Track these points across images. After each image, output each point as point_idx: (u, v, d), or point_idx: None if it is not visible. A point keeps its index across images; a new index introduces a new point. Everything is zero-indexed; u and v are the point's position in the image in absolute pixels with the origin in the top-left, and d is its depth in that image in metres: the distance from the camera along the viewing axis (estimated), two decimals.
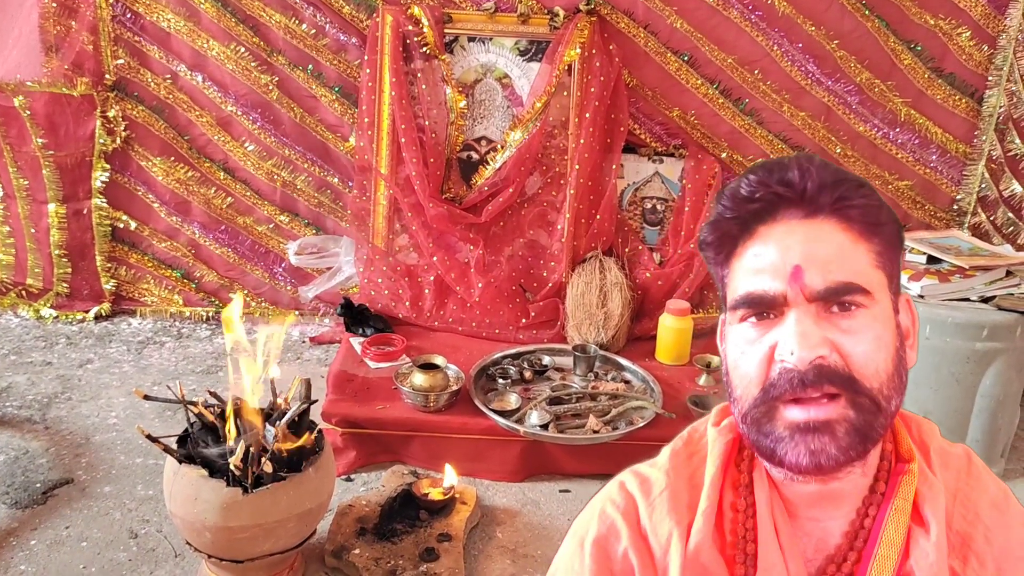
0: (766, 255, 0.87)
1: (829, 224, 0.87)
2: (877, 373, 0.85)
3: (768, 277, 0.86)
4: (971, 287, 2.61)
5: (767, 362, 0.86)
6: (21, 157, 3.26)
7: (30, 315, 3.42)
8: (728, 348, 0.93)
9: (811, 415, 0.84)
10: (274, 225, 3.45)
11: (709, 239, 0.93)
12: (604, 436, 2.53)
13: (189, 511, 1.89)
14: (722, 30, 3.12)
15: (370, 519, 2.26)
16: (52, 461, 2.55)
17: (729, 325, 0.92)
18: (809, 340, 0.84)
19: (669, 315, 3.00)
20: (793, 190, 0.87)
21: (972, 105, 3.18)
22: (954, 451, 0.98)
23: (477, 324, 3.20)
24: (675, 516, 0.95)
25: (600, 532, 0.98)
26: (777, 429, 0.86)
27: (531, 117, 3.13)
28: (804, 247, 0.86)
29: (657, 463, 1.02)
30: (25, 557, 2.16)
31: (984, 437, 2.58)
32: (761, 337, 0.87)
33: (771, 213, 0.88)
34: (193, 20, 3.21)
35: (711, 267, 0.96)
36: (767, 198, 0.88)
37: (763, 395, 0.87)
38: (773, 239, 0.88)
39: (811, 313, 0.85)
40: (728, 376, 0.93)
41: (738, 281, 0.90)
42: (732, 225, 0.91)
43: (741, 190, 0.90)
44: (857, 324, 0.85)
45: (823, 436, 0.84)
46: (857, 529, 0.92)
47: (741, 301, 0.89)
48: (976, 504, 0.94)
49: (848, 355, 0.84)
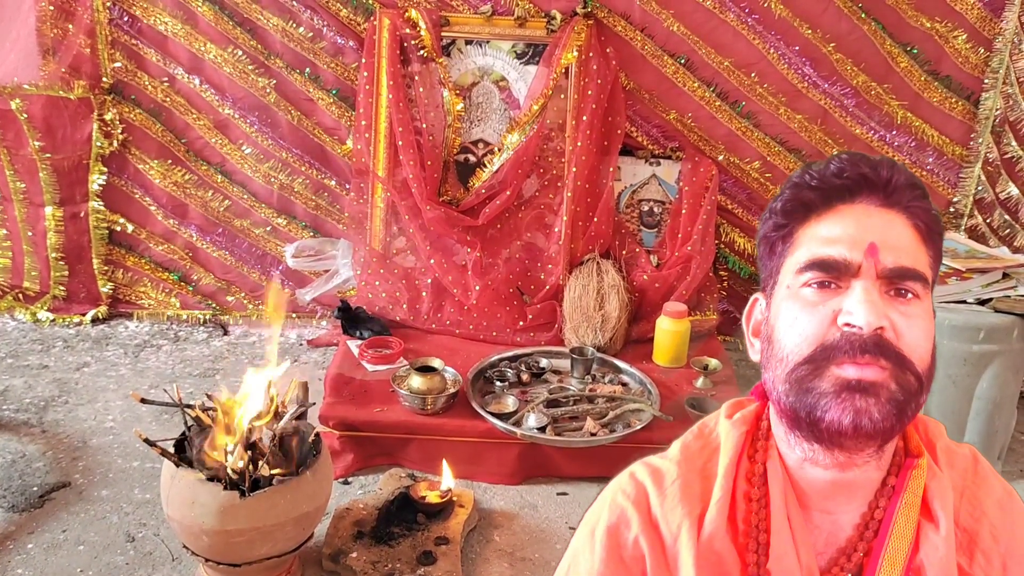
0: (844, 227, 0.91)
1: (901, 219, 0.92)
2: (922, 358, 0.89)
3: (844, 247, 0.90)
4: (968, 289, 2.61)
5: (827, 324, 0.89)
6: (18, 160, 3.26)
7: (27, 318, 3.42)
8: (781, 312, 0.94)
9: (863, 374, 0.87)
10: (271, 228, 3.45)
11: (785, 205, 0.96)
12: (602, 439, 2.53)
13: (186, 515, 1.89)
14: (719, 33, 3.12)
15: (367, 522, 2.26)
16: (49, 465, 2.55)
17: (787, 289, 0.94)
18: (877, 308, 0.87)
19: (666, 317, 3.00)
20: (879, 178, 0.92)
21: (968, 108, 3.19)
22: (960, 451, 1.01)
23: (474, 327, 3.20)
24: (687, 506, 0.97)
25: (611, 520, 0.99)
26: (822, 386, 0.88)
27: (528, 120, 3.13)
28: (880, 230, 0.91)
29: (668, 455, 1.04)
30: (22, 561, 2.16)
31: (981, 439, 2.59)
32: (824, 302, 0.90)
33: (853, 194, 0.93)
34: (190, 23, 3.21)
35: (765, 239, 0.99)
36: (854, 178, 0.93)
37: (817, 353, 0.89)
38: (851, 217, 0.92)
39: (878, 288, 0.89)
40: (772, 341, 0.94)
41: (807, 247, 0.93)
42: (814, 195, 0.94)
43: (831, 167, 0.94)
44: (912, 310, 0.90)
45: (869, 397, 0.86)
46: (867, 522, 0.95)
47: (814, 263, 0.91)
48: (982, 502, 0.97)
49: (902, 335, 0.88)
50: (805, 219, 0.94)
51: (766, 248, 0.99)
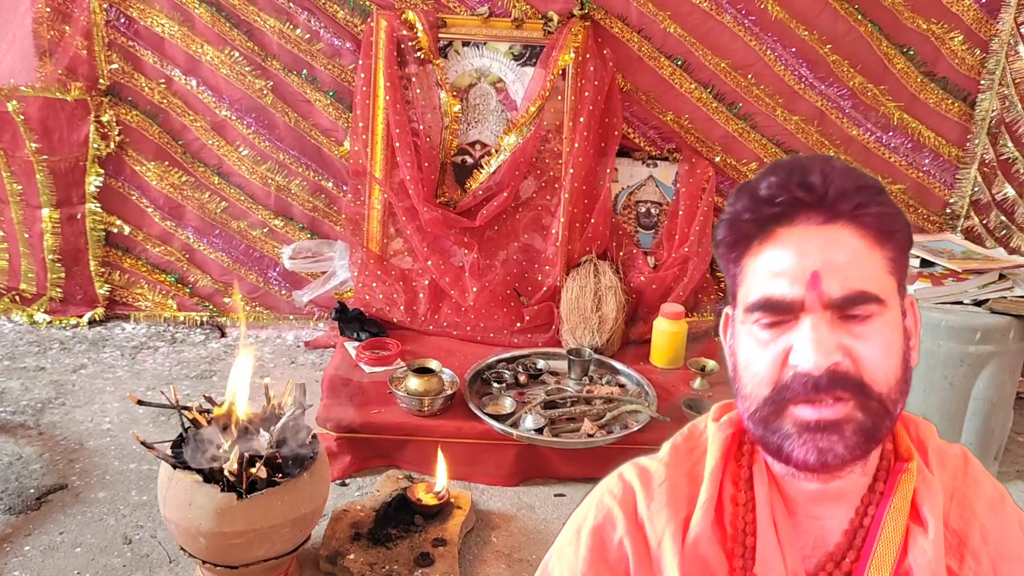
0: (784, 259, 0.88)
1: (846, 230, 0.88)
2: (887, 378, 0.87)
3: (786, 282, 0.87)
4: (964, 290, 2.61)
5: (780, 364, 0.88)
6: (15, 162, 3.26)
7: (24, 320, 3.41)
8: (739, 347, 0.93)
9: (822, 415, 0.86)
10: (268, 229, 3.45)
11: (725, 238, 0.94)
12: (599, 440, 2.53)
13: (183, 516, 1.89)
14: (715, 35, 3.12)
15: (365, 524, 2.25)
16: (46, 467, 2.54)
17: (740, 324, 0.93)
18: (825, 347, 0.85)
19: (663, 319, 3.00)
20: (814, 194, 0.88)
21: (965, 109, 3.19)
22: (951, 451, 1.00)
23: (472, 328, 3.20)
24: (673, 508, 0.96)
25: (597, 521, 0.99)
26: (785, 426, 0.88)
27: (525, 121, 3.13)
28: (822, 253, 0.87)
29: (657, 456, 1.03)
30: (19, 563, 2.15)
31: (977, 440, 2.59)
32: (775, 340, 0.88)
33: (790, 216, 0.89)
34: (187, 25, 3.21)
35: (721, 262, 0.97)
36: (788, 202, 0.88)
37: (774, 395, 0.88)
38: (792, 243, 0.88)
39: (826, 319, 0.86)
40: (736, 373, 0.94)
41: (753, 282, 0.90)
42: (750, 226, 0.91)
43: (761, 191, 0.90)
44: (869, 330, 0.87)
45: (832, 435, 0.86)
46: (856, 528, 0.94)
47: (757, 304, 0.89)
48: (973, 503, 0.96)
49: (860, 360, 0.86)
50: (748, 247, 0.92)
51: (723, 269, 0.97)
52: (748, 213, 0.91)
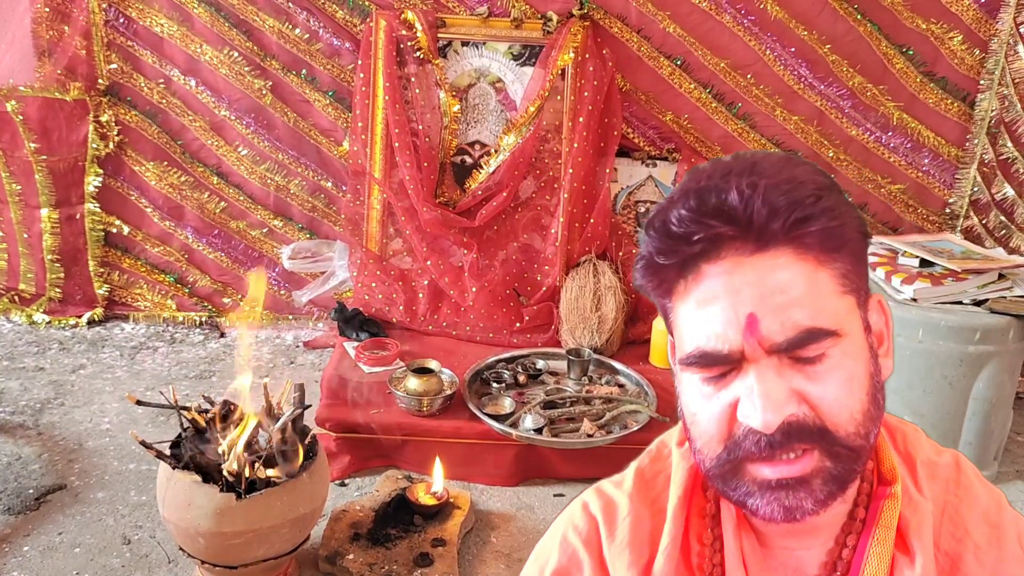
0: (715, 303, 0.76)
1: (783, 256, 0.74)
2: (852, 417, 0.77)
3: (719, 330, 0.75)
4: (964, 290, 2.61)
5: (728, 420, 0.77)
6: (14, 162, 3.26)
7: (23, 320, 3.41)
8: (683, 393, 0.83)
9: (783, 473, 0.76)
10: (268, 230, 3.45)
11: (646, 285, 0.82)
12: (598, 440, 2.53)
13: (182, 517, 1.89)
14: (715, 35, 3.12)
15: (364, 524, 2.25)
16: (45, 467, 2.54)
17: (681, 372, 0.82)
18: (774, 401, 0.74)
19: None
20: (736, 224, 0.74)
21: (964, 109, 3.19)
22: (942, 460, 0.91)
23: (471, 328, 3.20)
24: (635, 552, 0.88)
25: (561, 563, 0.92)
26: (746, 485, 0.78)
27: (525, 121, 3.13)
28: (757, 290, 0.74)
29: (624, 482, 0.94)
30: (18, 563, 2.15)
31: (977, 440, 2.59)
32: (718, 392, 0.78)
33: (714, 252, 0.75)
34: (186, 24, 3.21)
35: (652, 299, 0.85)
36: (708, 238, 0.75)
37: (728, 454, 0.78)
38: (720, 282, 0.75)
39: (772, 366, 0.75)
40: (685, 424, 0.84)
41: (685, 328, 0.80)
42: (670, 270, 0.78)
43: (673, 227, 0.76)
44: (825, 369, 0.75)
45: (799, 492, 0.77)
46: (835, 560, 0.85)
47: (693, 358, 0.78)
48: (965, 520, 0.87)
49: (818, 405, 0.75)
50: (673, 290, 0.80)
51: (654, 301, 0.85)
52: (663, 256, 0.78)
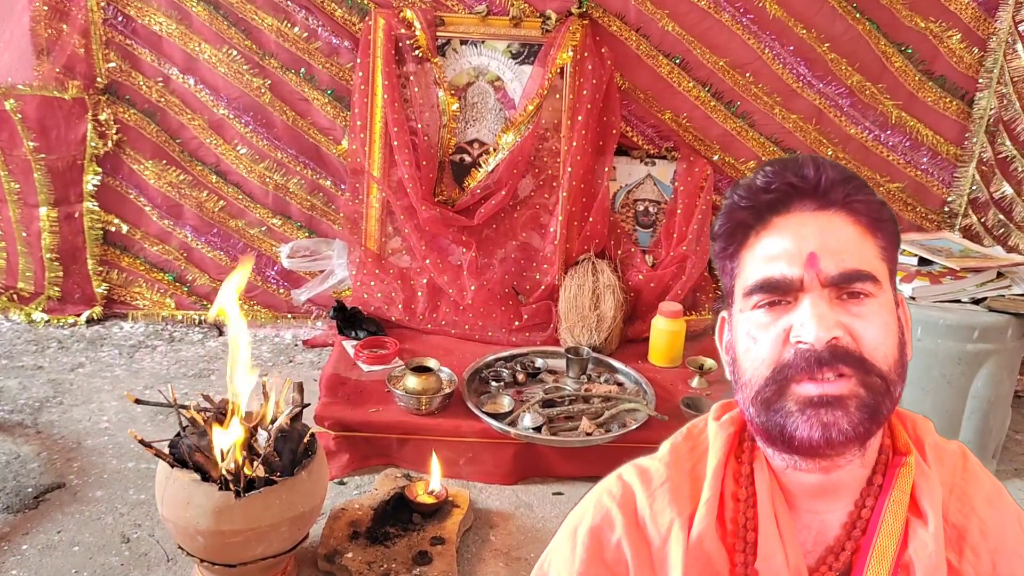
0: (781, 243, 0.91)
1: (839, 217, 0.92)
2: (886, 357, 0.89)
3: (784, 263, 0.90)
4: (962, 288, 2.62)
5: (781, 343, 0.90)
6: (12, 160, 3.25)
7: (21, 319, 3.41)
8: (738, 335, 0.95)
9: (824, 390, 0.87)
10: (266, 228, 3.45)
11: (722, 229, 0.97)
12: (597, 438, 2.53)
13: (181, 515, 1.89)
14: (714, 33, 3.12)
15: (363, 523, 2.25)
16: (44, 465, 2.54)
17: (740, 313, 0.95)
18: (825, 321, 0.87)
19: (662, 317, 3.00)
20: (807, 183, 0.92)
21: (963, 107, 3.19)
22: (949, 447, 1.01)
23: (470, 327, 3.20)
24: (677, 507, 0.97)
25: (595, 521, 1.00)
26: (788, 404, 0.89)
27: (523, 120, 3.13)
28: (818, 237, 0.90)
29: (657, 456, 1.04)
30: (17, 562, 2.15)
31: (976, 438, 2.59)
32: (775, 321, 0.91)
33: (785, 204, 0.93)
34: (185, 23, 3.21)
35: (717, 260, 0.99)
36: (783, 189, 0.92)
37: (776, 374, 0.90)
38: (788, 229, 0.92)
39: (825, 298, 0.89)
40: (736, 364, 0.96)
41: (751, 269, 0.93)
42: (747, 215, 0.94)
43: (757, 181, 0.94)
44: (867, 310, 0.89)
45: (835, 411, 0.87)
46: (855, 520, 0.95)
47: (757, 286, 0.92)
48: (971, 498, 0.97)
49: (860, 338, 0.88)
50: (745, 238, 0.95)
51: (719, 268, 1.00)
52: (745, 202, 0.94)
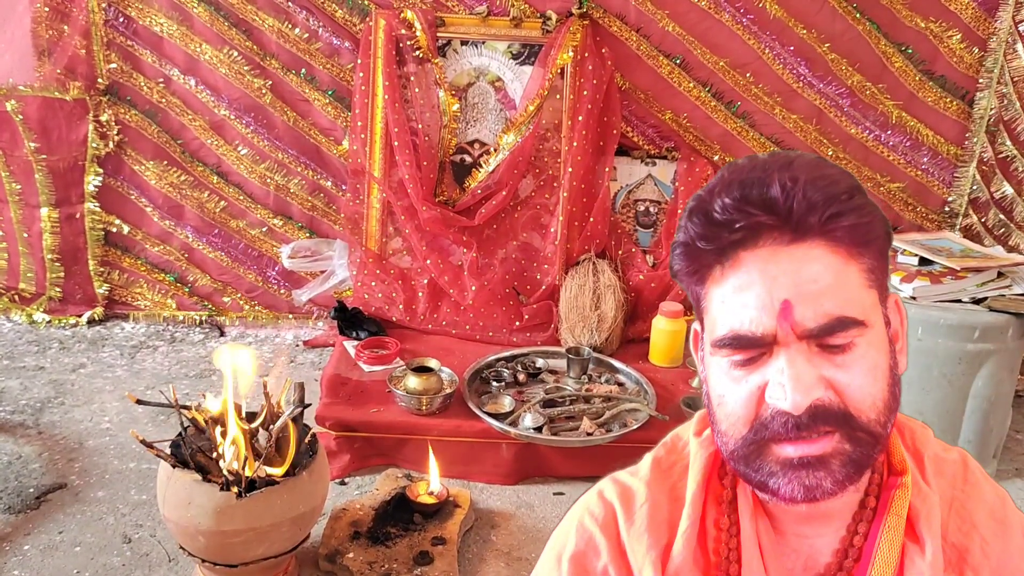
0: (750, 289, 0.80)
1: (817, 248, 0.80)
2: (874, 404, 0.81)
3: (754, 315, 0.80)
4: (963, 288, 2.62)
5: (756, 402, 0.82)
6: (14, 161, 3.26)
7: (23, 319, 3.41)
8: (710, 379, 0.87)
9: (805, 451, 0.80)
10: (267, 229, 3.45)
11: (682, 269, 0.86)
12: (598, 438, 2.53)
13: (183, 515, 1.89)
14: (714, 33, 3.12)
15: (364, 523, 2.26)
16: (45, 466, 2.54)
17: (709, 356, 0.86)
18: (803, 383, 0.78)
19: (662, 317, 3.00)
20: (777, 215, 0.79)
21: (963, 107, 3.19)
22: (950, 457, 0.95)
23: (471, 327, 3.20)
24: (653, 535, 0.91)
25: (579, 547, 0.94)
26: (768, 465, 0.82)
27: (524, 120, 3.14)
28: (792, 278, 0.79)
29: (639, 472, 0.98)
30: (18, 562, 2.16)
31: (976, 438, 2.59)
32: (747, 376, 0.82)
33: (753, 240, 0.80)
34: (186, 24, 3.21)
35: (682, 285, 0.89)
36: (749, 226, 0.80)
37: (753, 435, 0.82)
38: (757, 268, 0.80)
39: (803, 351, 0.79)
40: (710, 407, 0.88)
41: (718, 312, 0.83)
42: (708, 256, 0.83)
43: (716, 214, 0.81)
44: (852, 358, 0.80)
45: (818, 471, 0.81)
46: (847, 547, 0.89)
47: (726, 341, 0.82)
48: (972, 514, 0.91)
49: (843, 391, 0.80)
50: (709, 275, 0.84)
51: (684, 288, 0.89)
52: (703, 241, 0.82)
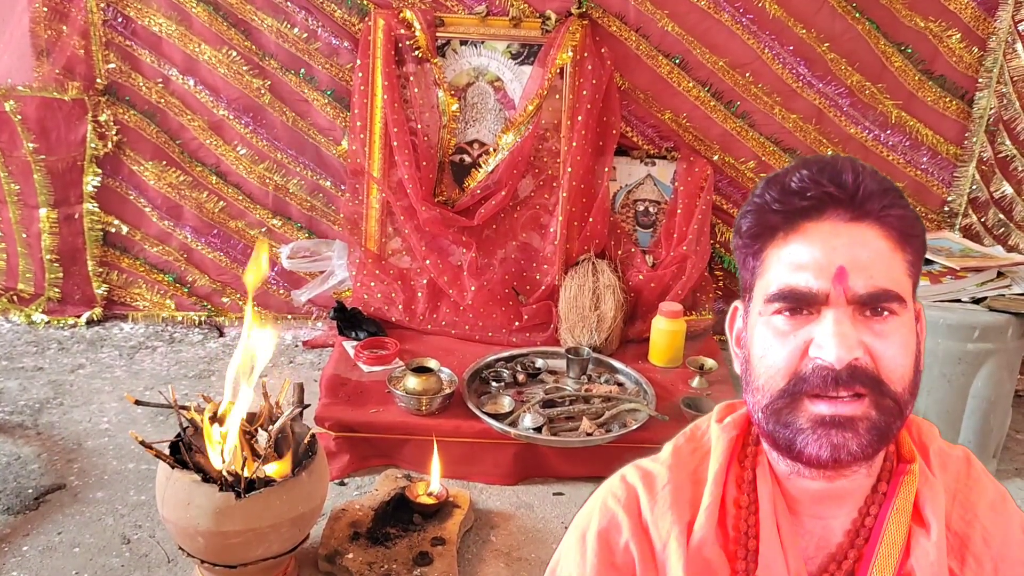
0: (810, 252, 0.88)
1: (872, 230, 0.88)
2: (902, 377, 0.88)
3: (811, 274, 0.87)
4: (962, 288, 2.62)
5: (799, 356, 0.88)
6: (12, 162, 3.25)
7: (21, 320, 3.41)
8: (754, 339, 0.93)
9: (837, 410, 0.86)
10: (266, 229, 3.45)
11: (749, 228, 0.93)
12: (597, 439, 2.53)
13: (182, 516, 1.89)
14: (713, 33, 3.12)
15: (364, 523, 2.25)
16: (44, 467, 2.54)
17: (759, 316, 0.92)
18: (847, 341, 0.85)
19: (662, 317, 3.00)
20: (845, 192, 0.88)
21: (962, 107, 3.19)
22: (954, 453, 1.00)
23: (470, 327, 3.19)
24: (677, 512, 0.96)
25: (602, 525, 0.99)
26: (799, 421, 0.87)
27: (523, 120, 3.13)
28: (849, 250, 0.87)
29: (660, 458, 1.03)
30: (17, 563, 2.15)
31: (976, 438, 2.59)
32: (795, 331, 0.88)
33: (819, 211, 0.89)
34: (184, 24, 3.21)
35: (738, 254, 0.96)
36: (818, 196, 0.89)
37: (790, 387, 0.88)
38: (819, 238, 0.88)
39: (848, 315, 0.86)
40: (748, 366, 0.93)
41: (775, 273, 0.90)
42: (778, 218, 0.91)
43: (792, 183, 0.90)
44: (888, 329, 0.87)
45: (846, 432, 0.86)
46: (858, 528, 0.94)
47: (780, 294, 0.89)
48: (975, 506, 0.96)
49: (879, 358, 0.86)
50: (771, 239, 0.92)
51: (739, 260, 0.97)
52: (777, 204, 0.91)
